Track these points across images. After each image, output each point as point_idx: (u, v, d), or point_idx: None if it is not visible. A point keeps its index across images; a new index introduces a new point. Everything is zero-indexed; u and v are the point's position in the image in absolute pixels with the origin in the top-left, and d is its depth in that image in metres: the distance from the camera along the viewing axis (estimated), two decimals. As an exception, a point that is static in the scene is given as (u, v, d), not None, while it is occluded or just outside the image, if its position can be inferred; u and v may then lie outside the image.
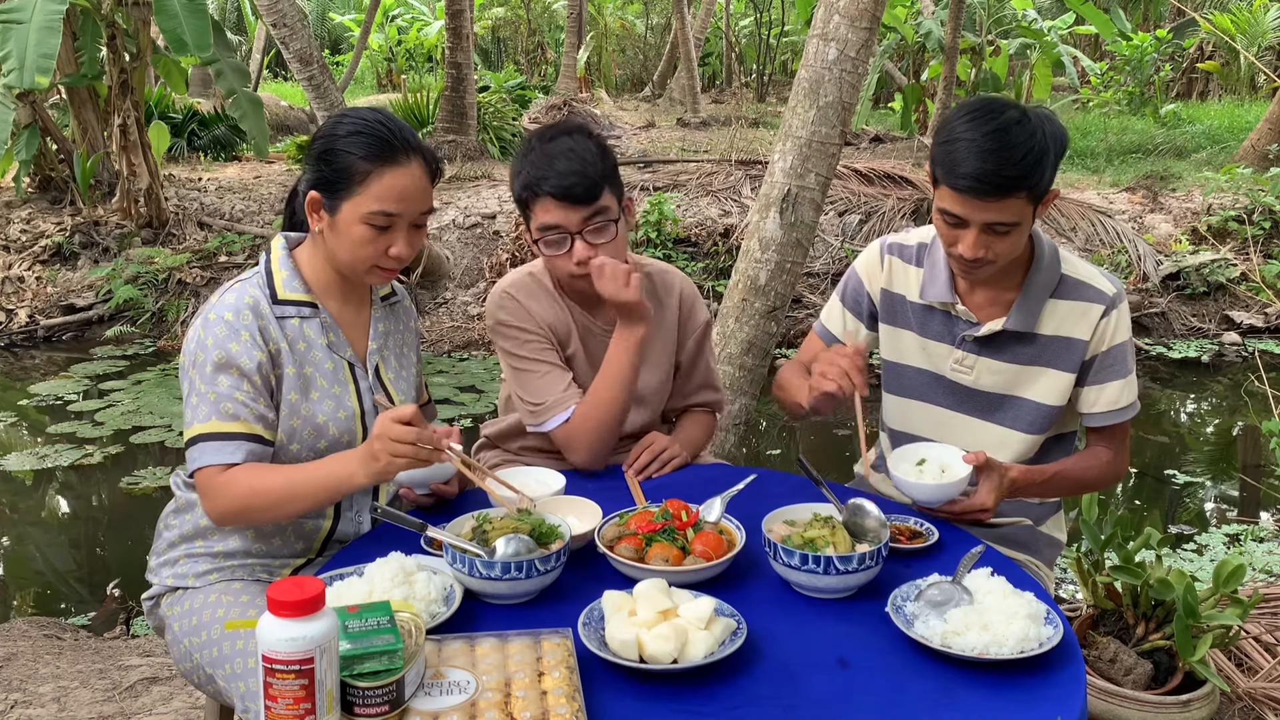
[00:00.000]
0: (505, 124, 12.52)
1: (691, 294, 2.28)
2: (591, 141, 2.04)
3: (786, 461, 5.62)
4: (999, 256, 1.87)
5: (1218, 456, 5.90)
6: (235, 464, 1.68)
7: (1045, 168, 1.78)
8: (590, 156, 2.00)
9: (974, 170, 1.76)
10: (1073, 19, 12.49)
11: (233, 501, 1.68)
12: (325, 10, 26.23)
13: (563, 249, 2.03)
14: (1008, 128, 1.77)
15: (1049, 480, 1.98)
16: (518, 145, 12.09)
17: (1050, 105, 11.72)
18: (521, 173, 2.03)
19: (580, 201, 1.98)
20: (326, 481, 1.68)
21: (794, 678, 1.37)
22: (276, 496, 1.68)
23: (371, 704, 1.21)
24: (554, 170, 1.98)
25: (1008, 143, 1.76)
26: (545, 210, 2.01)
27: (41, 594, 4.24)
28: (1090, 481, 2.06)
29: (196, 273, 8.17)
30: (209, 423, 1.69)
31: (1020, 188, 1.78)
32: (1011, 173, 1.76)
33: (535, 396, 2.10)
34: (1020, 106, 1.84)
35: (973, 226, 1.82)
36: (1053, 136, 1.80)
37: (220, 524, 1.75)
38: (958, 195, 1.80)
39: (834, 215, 8.27)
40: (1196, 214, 8.57)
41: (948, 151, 1.80)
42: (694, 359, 2.29)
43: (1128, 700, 2.00)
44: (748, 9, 23.49)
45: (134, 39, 8.53)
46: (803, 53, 3.51)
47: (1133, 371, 2.00)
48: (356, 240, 1.76)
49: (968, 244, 1.84)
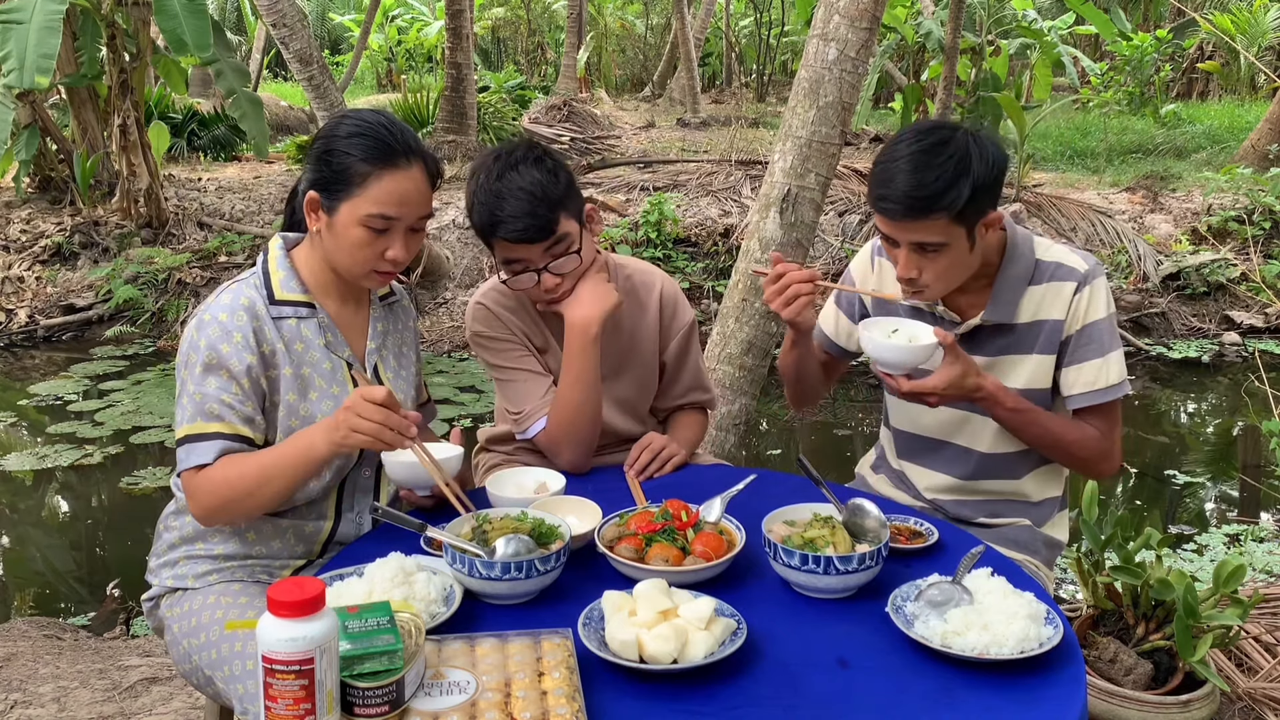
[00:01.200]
0: (505, 124, 12.51)
1: (673, 294, 2.26)
2: (539, 168, 1.97)
3: (786, 461, 5.62)
4: (937, 278, 1.87)
5: (1218, 456, 5.90)
6: (207, 464, 1.68)
7: (962, 189, 1.78)
8: (540, 190, 1.94)
9: (888, 192, 1.81)
10: (1073, 19, 12.48)
11: (212, 497, 1.68)
12: (325, 10, 26.23)
13: (529, 282, 2.02)
14: (929, 149, 1.79)
15: (1023, 412, 1.92)
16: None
17: (1050, 105, 11.75)
18: (474, 210, 2.00)
19: (536, 240, 1.96)
20: (293, 455, 1.68)
21: (794, 678, 1.37)
22: (251, 482, 1.68)
23: (371, 704, 1.21)
24: (505, 213, 1.94)
25: (923, 165, 1.78)
26: (504, 249, 2.00)
27: (41, 594, 4.24)
28: (1071, 445, 1.98)
29: (196, 273, 8.17)
30: (195, 423, 1.70)
31: (935, 208, 1.78)
32: (923, 194, 1.78)
33: (515, 404, 2.11)
34: (958, 129, 1.85)
35: (902, 246, 1.86)
36: (981, 158, 1.80)
37: (206, 524, 1.75)
38: (879, 216, 1.86)
39: (834, 215, 8.27)
40: (1196, 214, 8.57)
41: (874, 173, 1.86)
42: (681, 360, 2.28)
43: (1128, 700, 2.00)
44: (748, 9, 23.48)
45: (134, 39, 8.54)
46: (803, 53, 3.50)
47: (1114, 351, 1.95)
48: (353, 242, 1.75)
49: (900, 263, 1.88)
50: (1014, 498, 2.12)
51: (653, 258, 7.90)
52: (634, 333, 2.20)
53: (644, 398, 2.25)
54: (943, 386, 1.86)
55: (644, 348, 2.22)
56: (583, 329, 2.01)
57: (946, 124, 1.88)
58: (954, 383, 1.86)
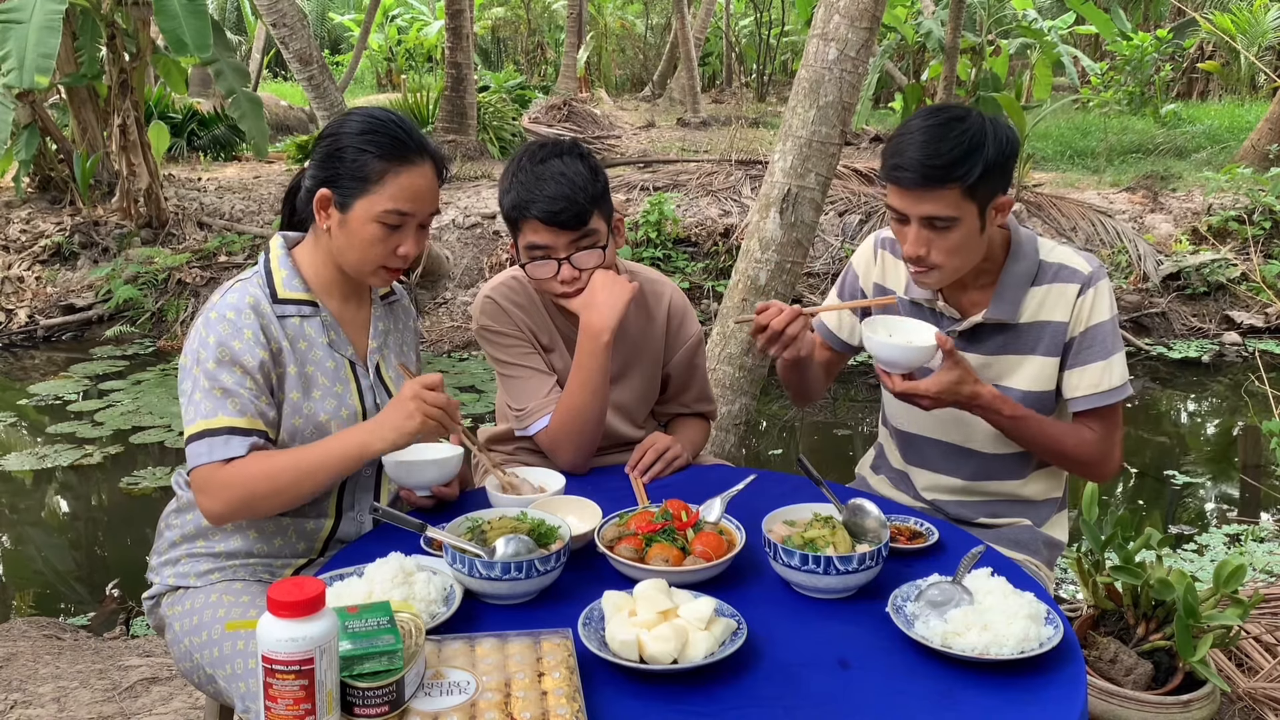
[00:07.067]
0: (505, 124, 12.52)
1: (681, 306, 2.27)
2: (583, 163, 2.00)
3: (786, 461, 5.62)
4: (945, 257, 1.87)
5: (1218, 456, 5.90)
6: (237, 458, 1.68)
7: (977, 161, 1.79)
8: (580, 180, 1.97)
9: (902, 160, 1.81)
10: (1073, 19, 12.48)
11: (239, 492, 1.67)
12: (325, 10, 26.23)
13: (549, 271, 2.02)
14: (945, 123, 1.81)
15: (1021, 419, 1.92)
16: (517, 146, 12.10)
17: (1050, 105, 11.75)
18: (510, 191, 2.01)
19: (568, 226, 1.97)
20: (341, 452, 1.70)
21: (794, 678, 1.37)
22: (287, 478, 1.68)
23: (371, 704, 1.21)
24: (543, 194, 1.96)
25: (938, 136, 1.80)
26: (533, 231, 2.00)
27: (41, 594, 4.24)
28: (1069, 449, 1.98)
29: (196, 273, 8.17)
30: (214, 418, 1.68)
31: (950, 178, 1.79)
32: (937, 162, 1.78)
33: (519, 401, 2.11)
34: (971, 109, 1.87)
35: (912, 222, 1.86)
36: (995, 137, 1.82)
37: (219, 522, 1.74)
38: (892, 187, 1.86)
39: (834, 215, 8.27)
40: (1197, 214, 8.56)
41: (889, 146, 1.87)
42: (688, 373, 2.28)
43: (1128, 700, 2.00)
44: (748, 9, 23.49)
45: (134, 39, 8.53)
46: (803, 53, 3.50)
47: (1116, 353, 1.95)
48: (367, 239, 1.76)
49: (908, 240, 1.87)
50: (1014, 498, 2.12)
51: (653, 258, 7.90)
52: (639, 340, 2.20)
53: (642, 406, 2.26)
54: (936, 390, 1.86)
55: (648, 356, 2.22)
56: (595, 334, 2.01)
57: (961, 105, 1.90)
58: (949, 388, 1.86)
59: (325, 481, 1.72)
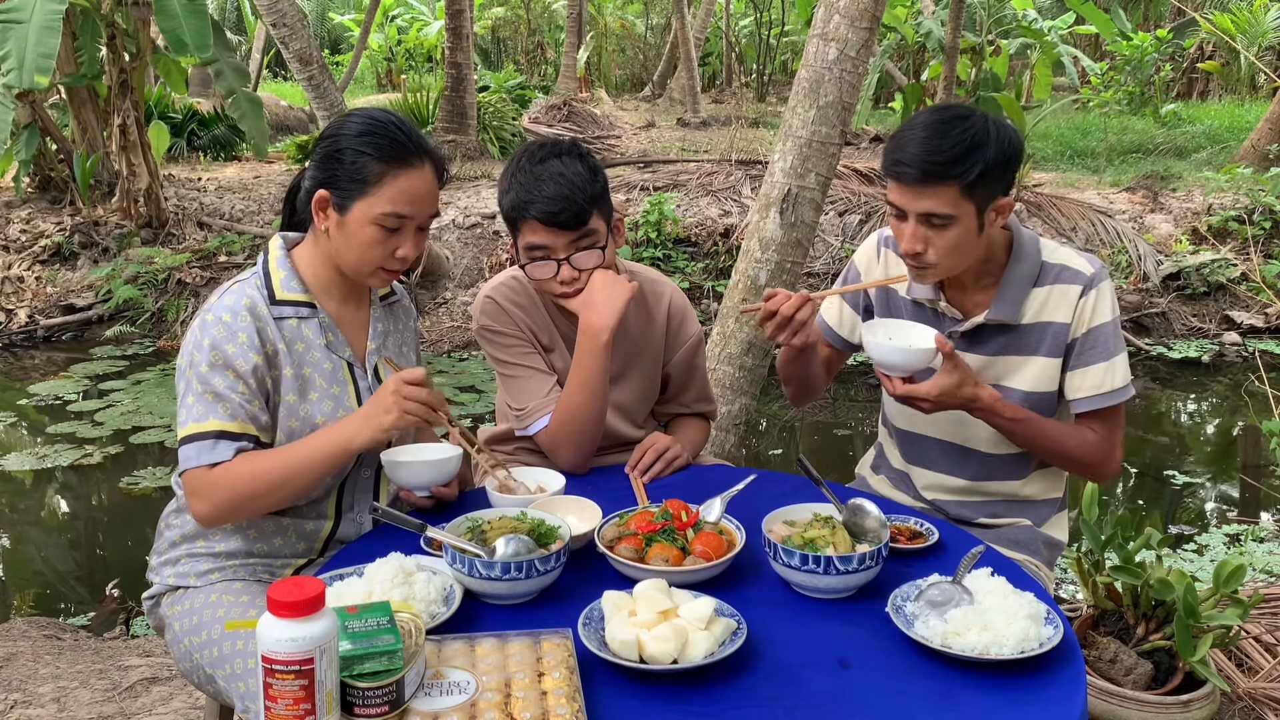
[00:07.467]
0: (505, 124, 12.52)
1: (681, 306, 2.27)
2: (582, 163, 2.00)
3: (786, 461, 5.62)
4: (942, 255, 1.87)
5: (1218, 456, 5.90)
6: (224, 462, 1.68)
7: (977, 160, 1.79)
8: (580, 180, 1.97)
9: (902, 155, 1.82)
10: (1073, 19, 12.48)
11: (226, 493, 1.67)
12: (325, 10, 26.23)
13: (548, 271, 2.02)
14: (948, 121, 1.82)
15: (1022, 421, 1.92)
16: (517, 146, 12.08)
17: (1050, 105, 11.75)
18: (510, 191, 2.01)
19: (567, 226, 1.97)
20: (325, 449, 1.69)
21: (794, 678, 1.37)
22: (274, 479, 1.68)
23: (371, 704, 1.21)
24: (542, 194, 1.96)
25: (939, 133, 1.81)
26: (532, 231, 2.00)
27: (41, 594, 4.24)
28: (1070, 450, 1.98)
29: (196, 273, 8.17)
30: (205, 422, 1.69)
31: (949, 175, 1.80)
32: (937, 159, 1.79)
33: (519, 401, 2.11)
34: (977, 110, 1.87)
35: (910, 218, 1.86)
36: (997, 139, 1.82)
37: (210, 524, 1.74)
38: (892, 182, 1.87)
39: (834, 215, 8.27)
40: (1197, 214, 8.56)
41: (891, 141, 1.88)
42: (688, 373, 2.28)
43: (1128, 700, 2.00)
44: (748, 9, 23.49)
45: (134, 39, 8.53)
46: (803, 53, 3.50)
47: (1119, 354, 1.95)
48: (365, 241, 1.76)
49: (905, 236, 1.88)
50: (1014, 498, 2.12)
51: (653, 258, 7.90)
52: (639, 340, 2.20)
53: (642, 406, 2.26)
54: (936, 394, 1.86)
55: (648, 356, 2.22)
56: (595, 334, 2.01)
57: (967, 105, 1.90)
58: (949, 391, 1.86)
59: (313, 479, 1.71)
